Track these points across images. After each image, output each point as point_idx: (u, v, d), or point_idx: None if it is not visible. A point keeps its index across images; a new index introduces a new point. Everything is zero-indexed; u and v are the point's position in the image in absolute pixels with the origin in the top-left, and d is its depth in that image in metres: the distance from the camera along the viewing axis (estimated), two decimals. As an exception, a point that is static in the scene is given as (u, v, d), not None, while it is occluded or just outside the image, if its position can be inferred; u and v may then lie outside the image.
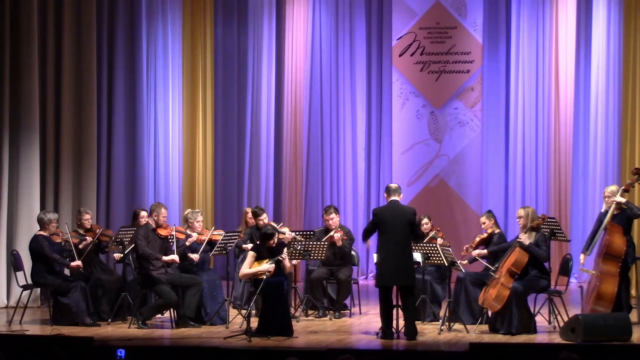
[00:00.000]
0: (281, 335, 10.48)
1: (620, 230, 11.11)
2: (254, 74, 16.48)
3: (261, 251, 10.84)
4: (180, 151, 15.83)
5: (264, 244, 10.86)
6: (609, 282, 10.90)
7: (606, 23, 15.11)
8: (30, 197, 13.28)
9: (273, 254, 10.78)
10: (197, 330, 11.15)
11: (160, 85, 15.46)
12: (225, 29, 16.67)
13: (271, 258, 10.73)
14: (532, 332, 10.69)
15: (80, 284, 11.46)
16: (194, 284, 11.43)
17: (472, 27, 16.06)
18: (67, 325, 11.21)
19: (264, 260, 10.75)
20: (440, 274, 11.89)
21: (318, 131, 16.59)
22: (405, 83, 16.25)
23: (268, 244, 10.83)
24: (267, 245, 10.83)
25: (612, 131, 15.07)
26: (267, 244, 10.84)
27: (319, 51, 16.58)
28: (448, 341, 10.42)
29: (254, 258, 10.84)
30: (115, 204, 14.64)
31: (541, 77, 15.77)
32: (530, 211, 11.07)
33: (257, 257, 10.83)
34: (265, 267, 10.68)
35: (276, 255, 10.75)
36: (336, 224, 12.28)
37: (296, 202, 16.42)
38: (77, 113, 13.90)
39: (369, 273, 16.26)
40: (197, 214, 12.16)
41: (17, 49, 13.29)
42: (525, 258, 10.75)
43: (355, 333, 11.15)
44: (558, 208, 15.54)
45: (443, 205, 15.73)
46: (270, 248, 10.83)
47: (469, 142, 16.08)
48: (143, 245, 11.25)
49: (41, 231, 11.60)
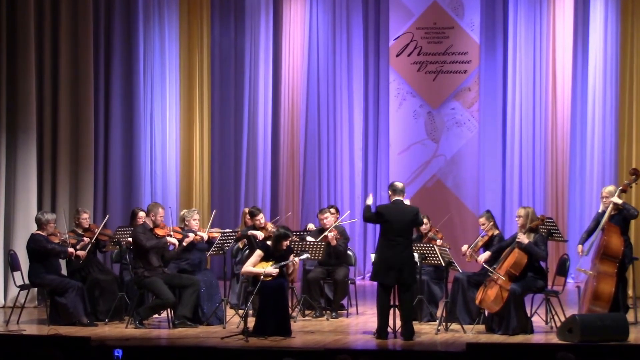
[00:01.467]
0: (278, 336, 10.49)
1: (618, 231, 11.13)
2: (251, 73, 16.48)
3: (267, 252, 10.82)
4: (177, 151, 15.82)
5: (278, 245, 10.84)
6: (606, 282, 10.92)
7: (603, 23, 15.11)
8: (28, 197, 13.27)
9: (281, 257, 10.78)
10: (195, 330, 11.15)
11: (157, 85, 15.45)
12: (222, 28, 16.66)
13: (277, 261, 10.74)
14: (529, 332, 10.70)
15: (77, 284, 11.46)
16: (191, 284, 11.43)
17: (470, 27, 16.06)
18: (64, 325, 11.20)
19: (269, 262, 10.76)
20: (437, 274, 11.89)
21: (315, 131, 16.59)
22: (403, 83, 16.25)
23: (281, 245, 10.82)
24: (280, 247, 10.82)
25: (610, 131, 15.07)
26: (280, 244, 10.82)
27: (316, 51, 16.58)
28: (445, 341, 10.43)
29: (260, 257, 10.83)
30: (112, 204, 14.63)
31: (538, 78, 15.77)
32: (530, 211, 11.07)
33: (264, 257, 10.83)
34: (269, 271, 10.68)
35: (282, 259, 10.75)
36: (330, 223, 12.29)
37: (293, 202, 16.41)
38: (74, 113, 13.89)
39: (366, 273, 16.25)
40: (194, 212, 12.17)
41: (14, 49, 13.28)
42: (524, 259, 10.75)
43: (352, 333, 11.16)
44: (555, 208, 15.54)
45: (440, 206, 15.72)
46: (281, 250, 10.82)
47: (466, 142, 16.08)
48: (145, 239, 11.24)
49: (39, 231, 11.60)
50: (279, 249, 10.83)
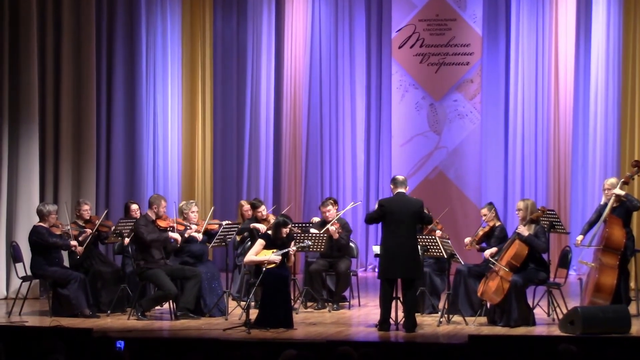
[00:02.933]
0: (281, 327, 10.49)
1: (620, 223, 11.11)
2: (254, 66, 16.47)
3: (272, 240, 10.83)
4: (180, 143, 15.83)
5: (278, 233, 10.85)
6: (608, 274, 10.91)
7: (606, 15, 15.09)
8: (30, 188, 13.27)
9: (282, 245, 10.79)
10: (197, 322, 11.16)
11: (160, 78, 15.46)
12: (225, 21, 16.66)
13: (279, 249, 10.75)
14: (531, 324, 10.70)
15: (79, 276, 11.47)
16: (193, 275, 11.44)
17: (472, 19, 16.04)
18: (66, 317, 11.22)
19: (271, 251, 10.77)
20: (439, 266, 11.89)
21: (317, 123, 16.59)
22: (405, 75, 16.24)
23: (281, 232, 10.83)
24: (280, 235, 10.83)
25: (612, 123, 15.06)
26: (280, 232, 10.83)
27: (319, 43, 16.58)
28: (447, 333, 10.43)
29: (262, 247, 10.85)
30: (114, 196, 14.64)
31: (541, 69, 15.76)
32: (529, 204, 11.07)
33: (266, 246, 10.85)
34: (272, 257, 10.71)
35: (284, 247, 10.77)
36: (333, 216, 12.28)
37: (295, 194, 16.42)
38: (76, 105, 13.89)
39: (368, 265, 16.28)
40: (192, 204, 12.15)
41: (16, 41, 13.27)
42: (525, 251, 10.76)
43: (354, 325, 11.17)
44: (557, 200, 15.54)
45: (442, 198, 15.72)
46: (282, 238, 10.83)
47: (469, 134, 16.07)
48: (146, 232, 11.25)
49: (41, 223, 11.61)
50: (279, 237, 10.84)
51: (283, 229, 10.84)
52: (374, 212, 10.85)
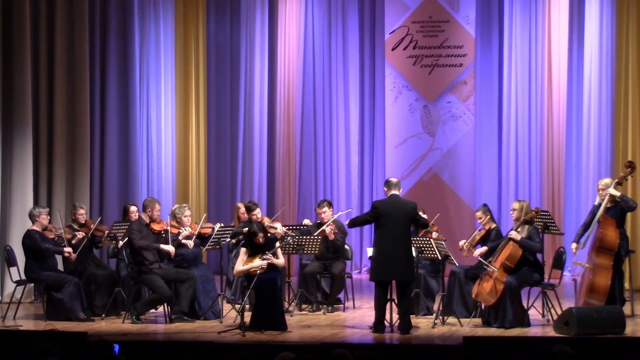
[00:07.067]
0: (275, 330, 10.48)
1: (614, 223, 11.13)
2: (247, 68, 16.46)
3: (251, 247, 10.81)
4: (173, 146, 15.81)
5: (253, 242, 10.82)
6: (603, 275, 10.92)
7: (599, 16, 15.10)
8: (24, 192, 13.25)
9: (264, 249, 10.76)
10: (191, 325, 11.15)
11: (153, 80, 15.44)
12: (218, 22, 16.64)
13: (263, 254, 10.71)
14: (526, 325, 10.71)
15: (73, 279, 11.46)
16: (188, 278, 11.43)
17: (465, 21, 16.05)
18: (60, 321, 11.21)
19: (257, 257, 10.74)
20: (434, 268, 11.89)
21: (311, 125, 16.58)
22: (398, 77, 16.25)
23: (256, 241, 10.79)
24: (256, 242, 10.79)
25: (605, 124, 15.07)
26: (254, 241, 10.80)
27: (312, 45, 16.57)
28: (442, 335, 10.44)
29: (246, 255, 10.82)
30: (108, 199, 14.62)
31: (534, 71, 15.78)
32: (524, 205, 11.08)
33: (250, 254, 10.81)
34: (257, 264, 10.67)
35: (268, 250, 10.71)
36: (328, 217, 12.28)
37: (289, 196, 16.41)
38: (69, 108, 13.87)
39: (363, 267, 16.27)
40: (185, 208, 12.11)
41: (10, 44, 13.26)
42: (519, 252, 10.77)
43: (349, 327, 11.16)
44: (551, 201, 15.56)
45: (436, 199, 15.72)
46: (259, 244, 10.79)
47: (462, 135, 16.08)
48: (137, 238, 11.24)
49: (33, 226, 11.60)
50: (257, 244, 10.79)
51: (254, 239, 10.78)
52: (366, 214, 10.86)
